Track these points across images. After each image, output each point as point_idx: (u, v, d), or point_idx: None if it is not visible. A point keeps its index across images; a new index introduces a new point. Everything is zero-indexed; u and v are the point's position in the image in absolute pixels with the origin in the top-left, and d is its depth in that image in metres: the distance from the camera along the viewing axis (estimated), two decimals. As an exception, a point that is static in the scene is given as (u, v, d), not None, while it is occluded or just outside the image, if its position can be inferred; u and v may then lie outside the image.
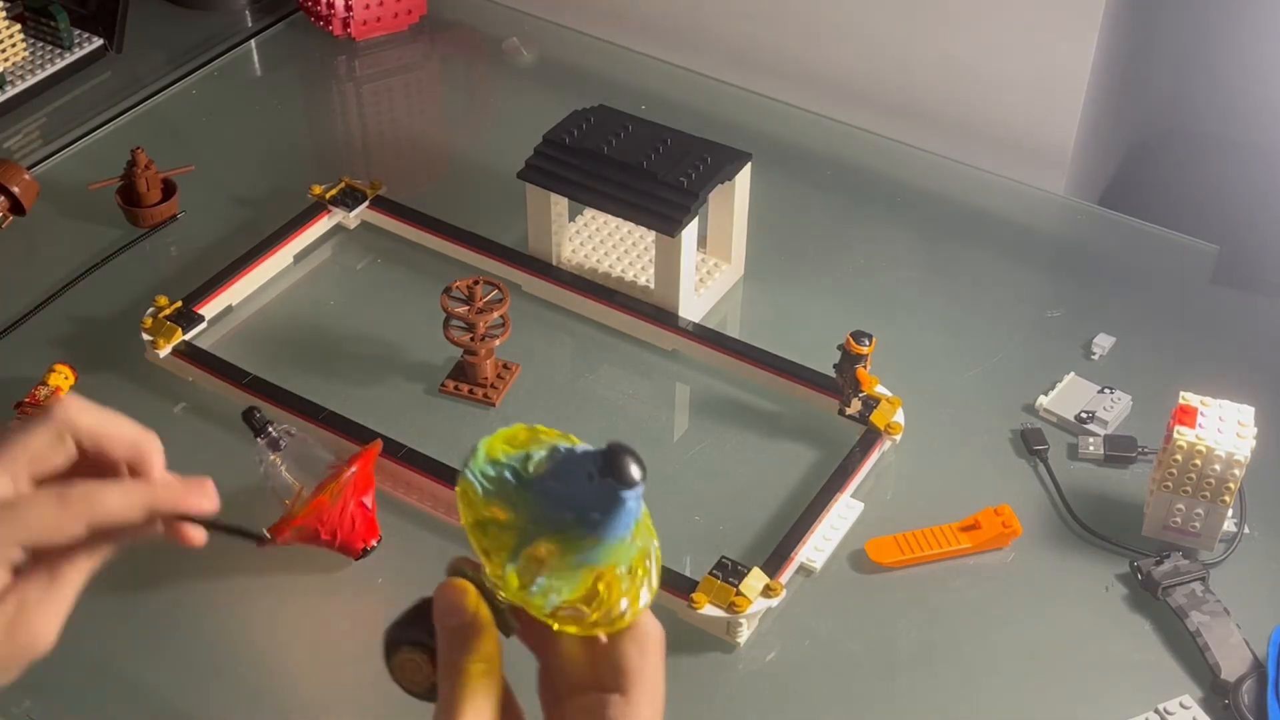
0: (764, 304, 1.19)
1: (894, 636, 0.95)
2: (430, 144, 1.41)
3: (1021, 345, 1.15)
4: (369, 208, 1.25)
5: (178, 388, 1.11)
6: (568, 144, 1.13)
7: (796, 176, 1.32)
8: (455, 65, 1.51)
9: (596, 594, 0.59)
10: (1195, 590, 0.95)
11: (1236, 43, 1.41)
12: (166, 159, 1.27)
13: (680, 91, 1.42)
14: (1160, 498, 0.97)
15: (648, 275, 1.17)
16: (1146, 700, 0.90)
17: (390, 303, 1.19)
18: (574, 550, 0.58)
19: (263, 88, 1.48)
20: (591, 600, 0.59)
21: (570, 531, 0.58)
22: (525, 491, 0.59)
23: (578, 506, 0.58)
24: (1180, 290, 1.21)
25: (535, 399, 1.11)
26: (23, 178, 1.24)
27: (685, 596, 0.93)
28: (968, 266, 1.23)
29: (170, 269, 1.22)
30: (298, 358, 1.13)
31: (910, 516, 1.01)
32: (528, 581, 0.58)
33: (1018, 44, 1.30)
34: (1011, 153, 1.34)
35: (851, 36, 1.38)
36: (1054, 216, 1.31)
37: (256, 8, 1.54)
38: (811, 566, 0.98)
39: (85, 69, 1.45)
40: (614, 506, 0.58)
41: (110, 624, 0.95)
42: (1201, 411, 0.96)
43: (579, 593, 0.59)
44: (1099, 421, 1.07)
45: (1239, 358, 1.14)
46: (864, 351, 1.02)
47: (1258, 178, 1.37)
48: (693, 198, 1.09)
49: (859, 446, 1.04)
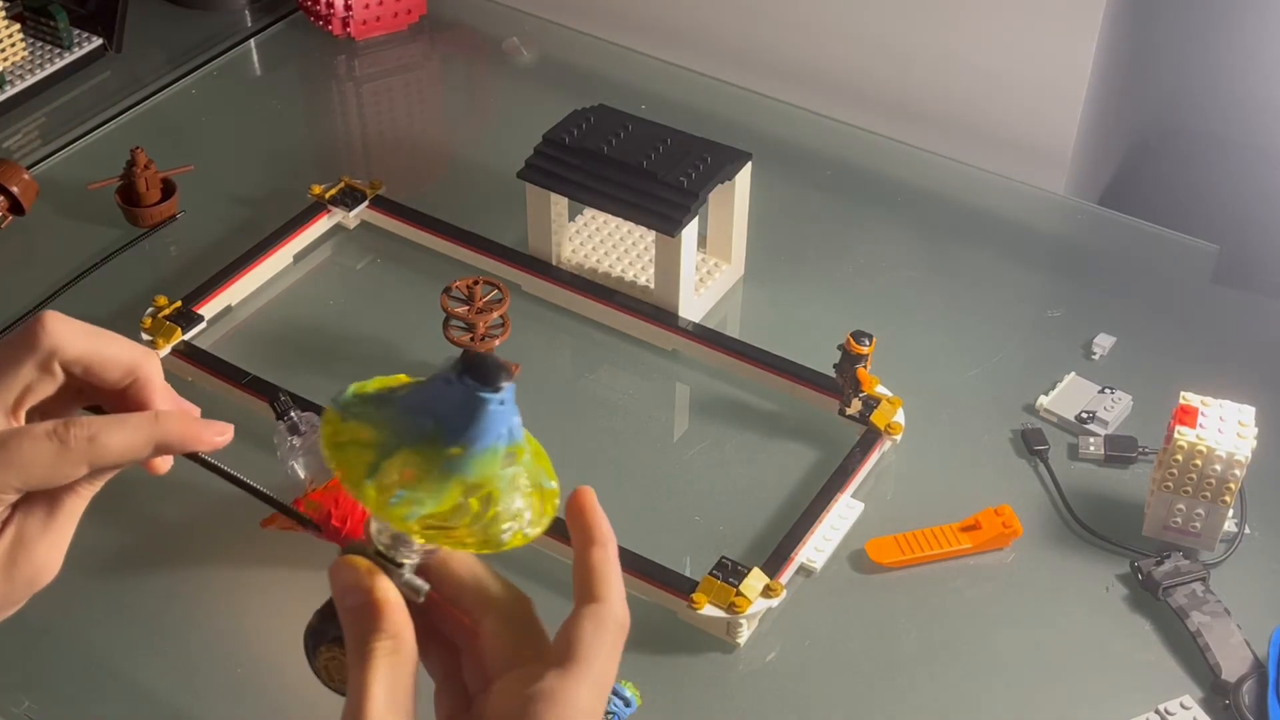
0: (764, 304, 1.19)
1: (894, 637, 0.95)
2: (430, 144, 1.41)
3: (1022, 345, 1.15)
4: (369, 207, 1.25)
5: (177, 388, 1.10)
6: (568, 144, 1.13)
7: (796, 176, 1.32)
8: (455, 65, 1.51)
9: (467, 508, 0.55)
10: (1196, 590, 0.95)
11: (1236, 43, 1.41)
12: (166, 159, 1.26)
13: (680, 91, 1.42)
14: (1161, 498, 0.97)
15: (648, 275, 1.17)
16: (1147, 700, 0.90)
17: (390, 303, 1.19)
18: (437, 460, 0.55)
19: (262, 87, 1.48)
20: (460, 514, 0.55)
21: (431, 439, 0.55)
22: (387, 408, 0.56)
23: (438, 413, 0.55)
24: (1181, 290, 1.21)
25: (535, 399, 1.10)
26: (22, 177, 1.23)
27: (685, 597, 0.93)
28: (968, 266, 1.23)
29: (170, 269, 1.22)
30: (297, 358, 1.13)
31: (910, 517, 1.01)
32: (387, 494, 0.55)
33: (1018, 43, 1.30)
34: (1011, 152, 1.34)
35: (851, 36, 1.38)
36: (1054, 216, 1.31)
37: (256, 7, 1.54)
38: (811, 567, 0.98)
39: (85, 69, 1.45)
40: (475, 409, 0.55)
41: (110, 623, 0.95)
42: (1202, 411, 0.96)
43: (445, 505, 0.55)
44: (1099, 421, 1.07)
45: (1239, 358, 1.14)
46: (864, 351, 1.02)
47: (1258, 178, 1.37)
48: (693, 198, 1.09)
49: (859, 447, 1.04)
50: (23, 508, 0.57)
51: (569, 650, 0.55)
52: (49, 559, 0.58)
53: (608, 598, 0.57)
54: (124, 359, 0.60)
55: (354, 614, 0.56)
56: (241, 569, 0.98)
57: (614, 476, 1.05)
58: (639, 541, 0.96)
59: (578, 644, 0.55)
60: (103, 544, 0.98)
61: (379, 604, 0.56)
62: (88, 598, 0.96)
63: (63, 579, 0.62)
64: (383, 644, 0.55)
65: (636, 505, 1.03)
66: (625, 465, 1.06)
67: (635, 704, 0.89)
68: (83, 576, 0.96)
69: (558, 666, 0.55)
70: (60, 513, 0.58)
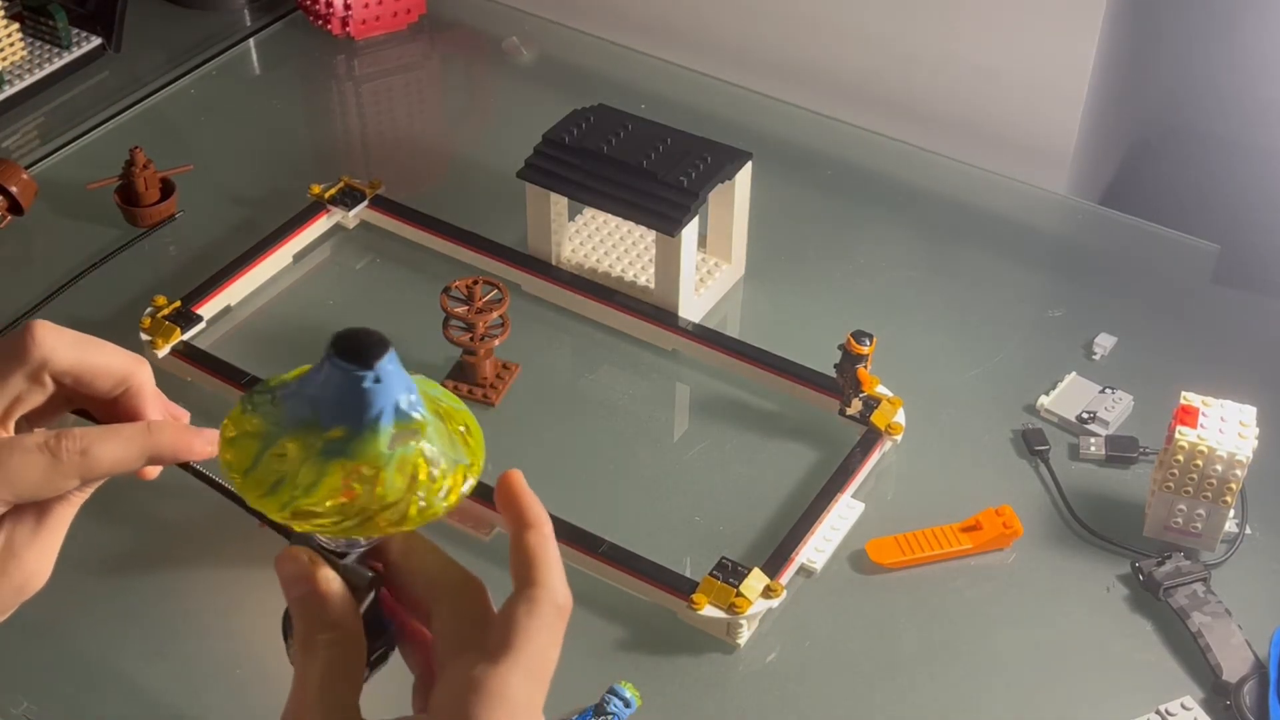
0: (764, 304, 1.19)
1: (894, 637, 0.95)
2: (430, 144, 1.41)
3: (1022, 345, 1.15)
4: (368, 207, 1.25)
5: (176, 388, 1.11)
6: (567, 143, 1.13)
7: (796, 176, 1.32)
8: (455, 65, 1.51)
9: (352, 491, 0.54)
10: (1196, 591, 0.95)
11: (1236, 43, 1.41)
12: (165, 158, 1.26)
13: (680, 91, 1.42)
14: (1161, 498, 0.97)
15: (648, 275, 1.17)
16: (1148, 701, 0.90)
17: (390, 303, 1.19)
18: (315, 446, 0.54)
19: (262, 87, 1.48)
20: (347, 498, 0.54)
21: (310, 425, 0.54)
22: (276, 401, 0.56)
23: (316, 398, 0.54)
24: (1181, 290, 1.21)
25: (535, 399, 1.10)
26: (21, 177, 1.23)
27: (685, 597, 0.93)
28: (968, 266, 1.23)
29: (169, 269, 1.21)
30: (297, 358, 1.11)
31: (911, 517, 1.00)
32: (267, 484, 0.54)
33: (1018, 43, 1.30)
34: (1012, 152, 1.34)
35: (852, 36, 1.38)
36: (1055, 216, 1.31)
37: (255, 7, 1.54)
38: (812, 567, 0.98)
39: (84, 68, 1.44)
40: (349, 389, 0.53)
41: (110, 623, 0.95)
42: (1203, 412, 0.95)
43: (323, 492, 0.53)
44: (1100, 422, 1.07)
45: (1240, 358, 1.14)
46: (864, 351, 1.02)
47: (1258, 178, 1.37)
48: (693, 197, 1.09)
49: (859, 447, 1.04)
50: (12, 516, 0.57)
51: (502, 638, 0.54)
52: (38, 566, 0.58)
53: (545, 581, 0.55)
54: (115, 368, 0.60)
55: (298, 605, 0.56)
56: (241, 569, 0.98)
57: (614, 476, 1.05)
58: (639, 541, 0.96)
59: (510, 631, 0.54)
60: (102, 544, 0.98)
61: (320, 595, 0.56)
62: (87, 598, 0.96)
63: (63, 579, 0.61)
64: (324, 635, 0.55)
65: (636, 505, 1.03)
66: (625, 465, 1.06)
67: (635, 704, 0.89)
68: (82, 576, 0.96)
69: (489, 656, 0.53)
70: (50, 520, 0.58)
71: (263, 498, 0.54)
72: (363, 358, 0.53)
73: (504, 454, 1.05)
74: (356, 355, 0.53)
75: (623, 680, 0.90)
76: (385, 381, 0.54)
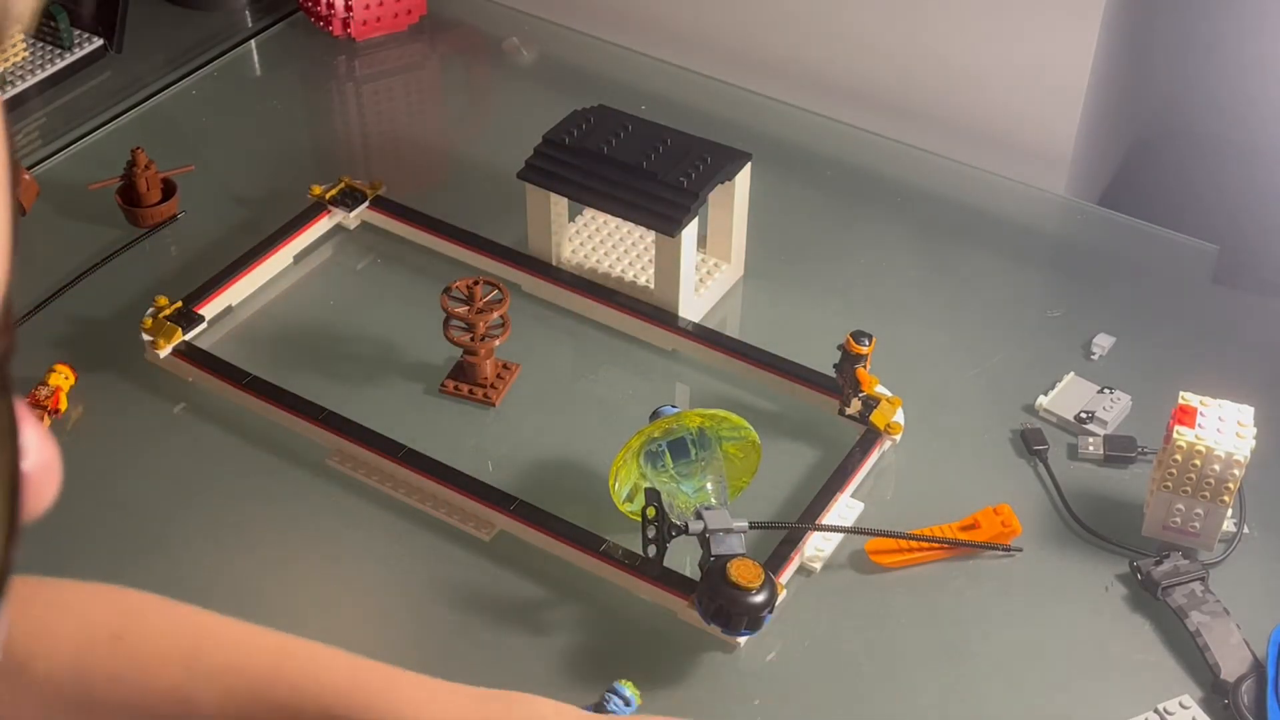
0: (764, 304, 1.19)
1: (894, 636, 0.95)
2: (430, 144, 1.41)
3: (1021, 345, 1.15)
4: (369, 208, 1.25)
5: (177, 388, 1.11)
6: (567, 144, 1.14)
7: (796, 176, 1.32)
8: (455, 65, 1.51)
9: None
10: (1195, 590, 0.95)
11: (1236, 43, 1.41)
12: (166, 159, 1.26)
13: (680, 91, 1.42)
14: (1160, 498, 0.97)
15: (648, 275, 1.17)
16: (1146, 700, 0.90)
17: (390, 303, 1.19)
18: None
19: (263, 88, 1.48)
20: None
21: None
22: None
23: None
24: (1180, 290, 1.21)
25: (535, 399, 1.11)
26: (22, 178, 1.23)
27: (685, 597, 0.93)
28: (968, 266, 1.23)
29: (170, 269, 1.22)
30: (298, 358, 1.13)
31: (910, 516, 1.01)
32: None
33: (1018, 44, 1.30)
34: (1011, 153, 1.34)
35: (852, 36, 1.38)
36: (1054, 216, 1.31)
37: (256, 8, 1.54)
38: (811, 567, 0.98)
39: (85, 69, 1.45)
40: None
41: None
42: (1201, 411, 0.96)
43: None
44: (1099, 421, 1.07)
45: (1239, 358, 1.14)
46: (864, 351, 1.02)
47: (1258, 178, 1.37)
48: (693, 198, 1.09)
49: (859, 446, 1.04)
50: None
51: None
52: None
53: None
54: None
55: None
56: (242, 573, 0.98)
57: (614, 476, 1.05)
58: (639, 541, 0.96)
59: None
60: (103, 544, 0.98)
61: None
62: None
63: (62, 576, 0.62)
64: None
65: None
66: (625, 465, 1.06)
67: (635, 703, 0.89)
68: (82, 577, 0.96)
69: None
70: None
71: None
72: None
73: (504, 454, 1.06)
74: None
75: (623, 679, 0.90)
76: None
